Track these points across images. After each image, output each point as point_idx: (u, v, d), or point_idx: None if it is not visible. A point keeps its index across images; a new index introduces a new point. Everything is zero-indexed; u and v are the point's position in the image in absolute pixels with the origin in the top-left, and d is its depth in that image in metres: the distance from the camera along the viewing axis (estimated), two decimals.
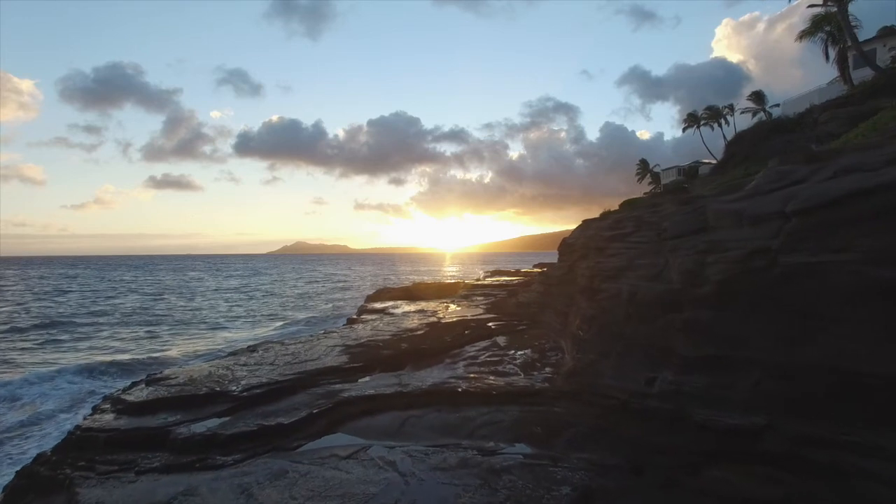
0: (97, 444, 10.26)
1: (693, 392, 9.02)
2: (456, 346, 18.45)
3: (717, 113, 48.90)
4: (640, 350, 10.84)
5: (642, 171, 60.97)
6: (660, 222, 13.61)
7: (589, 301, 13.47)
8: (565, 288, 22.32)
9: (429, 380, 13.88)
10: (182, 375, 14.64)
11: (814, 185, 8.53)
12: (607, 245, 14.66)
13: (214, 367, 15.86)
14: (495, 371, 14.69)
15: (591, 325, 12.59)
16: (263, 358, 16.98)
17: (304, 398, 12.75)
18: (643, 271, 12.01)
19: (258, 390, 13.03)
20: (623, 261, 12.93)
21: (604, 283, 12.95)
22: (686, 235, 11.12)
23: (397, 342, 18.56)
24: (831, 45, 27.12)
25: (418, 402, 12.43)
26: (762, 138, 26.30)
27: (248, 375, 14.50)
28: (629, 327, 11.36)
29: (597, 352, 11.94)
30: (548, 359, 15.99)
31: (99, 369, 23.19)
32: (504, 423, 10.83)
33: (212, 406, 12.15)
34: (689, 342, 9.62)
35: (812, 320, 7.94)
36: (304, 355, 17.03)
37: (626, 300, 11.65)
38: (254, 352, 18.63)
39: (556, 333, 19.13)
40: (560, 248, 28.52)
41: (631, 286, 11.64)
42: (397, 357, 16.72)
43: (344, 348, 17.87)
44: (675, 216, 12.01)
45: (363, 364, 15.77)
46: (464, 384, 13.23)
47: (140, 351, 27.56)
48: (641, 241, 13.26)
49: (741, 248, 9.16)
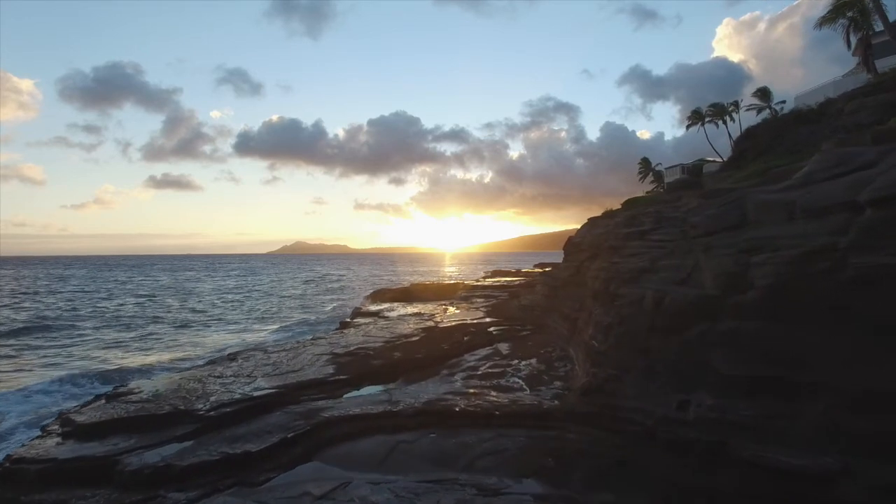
0: (27, 479, 8.68)
1: (739, 421, 7.44)
2: (454, 354, 16.87)
3: (721, 110, 47.39)
4: (668, 366, 9.26)
5: (644, 169, 59.43)
6: (684, 217, 12.03)
7: (604, 307, 11.91)
8: (573, 290, 20.75)
9: (422, 395, 12.30)
10: (147, 389, 13.06)
11: (891, 169, 6.94)
12: (624, 244, 13.08)
13: (186, 379, 14.28)
14: (497, 385, 13.11)
15: (607, 335, 11.02)
16: (242, 368, 15.40)
17: (279, 418, 11.17)
18: (668, 273, 10.43)
19: (228, 409, 11.44)
20: (644, 261, 11.35)
21: (622, 287, 11.38)
22: (721, 232, 9.55)
23: (390, 350, 16.98)
24: (853, 31, 25.48)
25: (409, 423, 10.85)
26: (780, 131, 24.69)
27: (221, 390, 12.91)
28: (654, 339, 9.78)
29: (615, 366, 10.35)
30: (556, 370, 14.40)
31: (73, 380, 21.46)
32: (509, 451, 9.24)
33: (173, 428, 10.57)
34: (730, 359, 8.04)
35: (893, 336, 6.38)
36: (286, 365, 15.45)
37: (649, 307, 10.07)
38: (233, 360, 17.06)
39: (564, 340, 17.55)
40: (566, 247, 26.94)
41: (655, 291, 10.06)
42: (389, 368, 15.14)
43: (331, 357, 16.30)
44: (706, 210, 10.43)
45: (350, 376, 14.19)
46: (462, 402, 11.65)
47: (120, 357, 25.92)
48: (664, 238, 11.68)
49: (796, 247, 7.58)
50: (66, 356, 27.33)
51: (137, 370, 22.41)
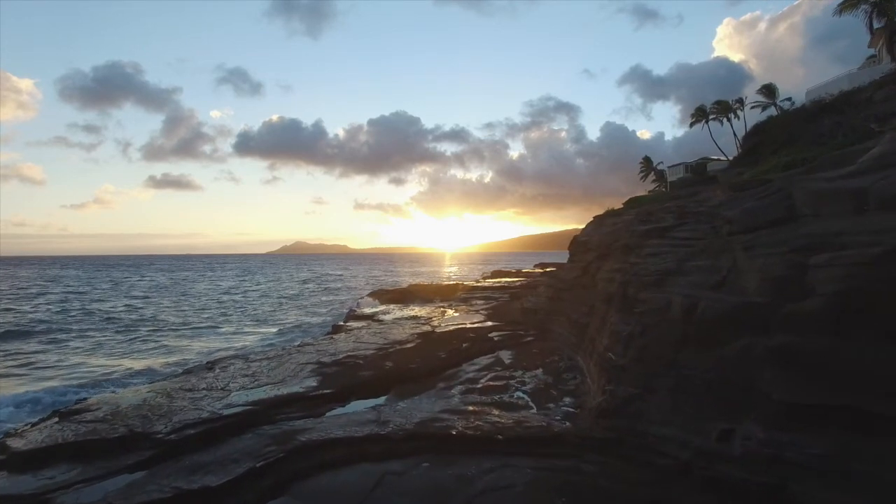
0: None
1: (802, 461, 5.99)
2: (451, 363, 15.42)
3: (726, 107, 46.06)
4: (704, 386, 7.82)
5: (646, 169, 58.10)
6: (713, 212, 10.60)
7: (622, 314, 10.46)
8: (579, 293, 19.30)
9: (415, 414, 10.86)
10: (105, 407, 11.62)
11: None
12: (642, 242, 11.63)
13: (154, 393, 12.85)
14: (500, 401, 11.66)
15: (626, 346, 9.59)
16: (217, 379, 13.96)
17: (250, 442, 9.72)
18: (699, 276, 8.99)
19: (192, 430, 9.99)
20: (669, 262, 9.91)
21: (642, 292, 9.94)
22: (764, 228, 8.12)
23: (381, 359, 15.53)
24: (876, 17, 24.03)
25: (399, 449, 9.40)
26: (799, 123, 23.23)
27: (189, 406, 11.47)
28: (684, 353, 8.34)
29: (638, 384, 8.91)
30: (565, 383, 12.97)
31: (52, 392, 19.80)
32: (515, 488, 7.79)
33: (125, 455, 9.12)
34: (784, 382, 6.60)
35: None
36: (265, 376, 14.01)
37: (678, 315, 8.64)
38: (210, 370, 15.63)
39: (572, 348, 16.10)
40: (571, 247, 25.47)
41: (685, 297, 8.62)
42: (379, 380, 13.68)
43: (316, 367, 14.85)
44: (743, 202, 8.99)
45: (335, 390, 12.73)
46: (460, 422, 10.20)
47: (101, 364, 24.26)
48: (691, 236, 10.24)
49: (870, 245, 6.14)
50: (44, 365, 25.72)
51: (114, 379, 20.85)
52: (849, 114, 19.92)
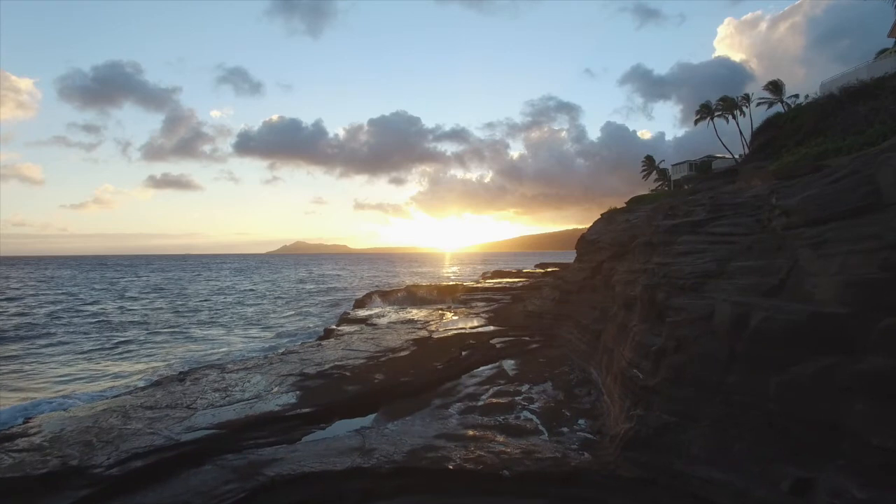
0: None
1: None
2: (449, 375, 13.83)
3: (731, 104, 44.67)
4: (764, 418, 6.23)
5: (648, 167, 56.69)
6: (756, 203, 8.99)
7: (650, 324, 8.87)
8: (590, 296, 17.73)
9: (406, 440, 9.26)
10: (48, 429, 10.02)
11: None
12: (670, 239, 10.02)
13: (108, 411, 11.25)
14: (505, 424, 10.05)
15: (657, 363, 8.00)
16: (184, 394, 12.35)
17: (207, 477, 8.11)
18: (749, 279, 7.39)
19: (139, 462, 8.39)
20: (707, 262, 8.31)
21: (675, 297, 8.35)
22: (838, 219, 6.50)
23: (371, 371, 13.91)
24: None
25: (385, 486, 7.81)
26: (826, 113, 21.63)
27: (144, 429, 9.87)
28: (735, 374, 6.74)
29: (675, 411, 7.32)
30: (578, 400, 11.37)
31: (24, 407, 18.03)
32: None
33: (50, 497, 7.53)
34: (886, 420, 5.00)
35: None
36: (239, 390, 12.41)
37: (725, 327, 7.04)
38: (181, 382, 14.02)
39: (583, 358, 14.50)
40: (578, 246, 23.87)
41: (734, 305, 7.02)
42: (367, 396, 12.06)
43: (299, 379, 13.25)
44: (804, 189, 7.37)
45: (316, 408, 11.12)
46: (458, 452, 8.60)
47: (62, 374, 22.13)
48: (732, 231, 8.64)
49: None
50: (20, 375, 23.95)
51: (73, 393, 18.53)
52: (883, 99, 18.36)
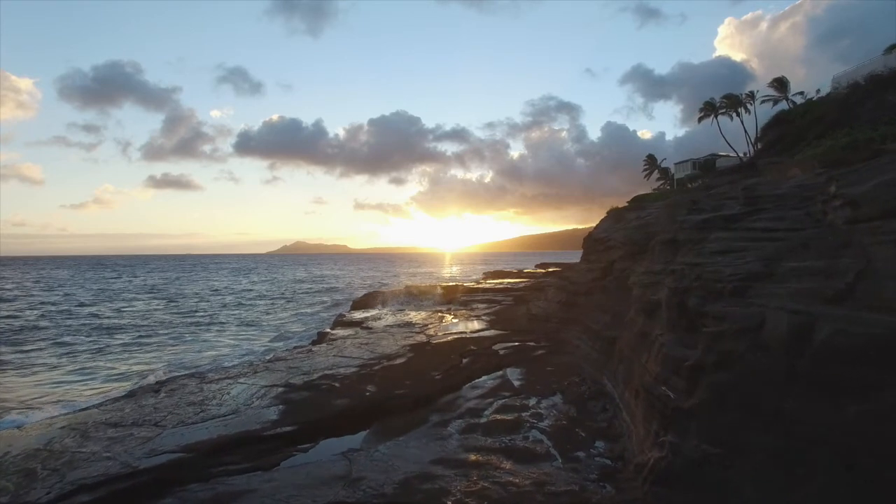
0: None
1: None
2: (449, 387, 12.60)
3: (736, 101, 43.62)
4: (837, 453, 5.02)
5: (650, 166, 55.61)
6: (803, 192, 7.78)
7: (679, 334, 7.68)
8: (600, 299, 16.52)
9: (398, 466, 8.06)
10: None
11: None
12: (699, 236, 8.80)
13: (67, 429, 10.06)
14: (512, 446, 8.83)
15: (692, 381, 6.81)
16: (156, 408, 11.15)
17: None
18: (806, 283, 6.19)
19: (87, 496, 7.19)
20: (751, 262, 7.10)
21: (712, 303, 7.15)
22: None
23: (363, 381, 12.69)
24: None
25: None
26: (847, 106, 20.45)
27: (100, 452, 8.67)
28: (795, 398, 5.54)
29: (717, 440, 6.11)
30: (593, 417, 10.15)
31: None
32: None
33: None
34: None
35: None
36: (216, 405, 11.19)
37: (780, 341, 5.83)
38: (155, 393, 12.80)
39: (594, 367, 13.29)
40: (585, 245, 22.68)
41: (792, 314, 5.81)
42: (357, 411, 10.84)
43: (283, 391, 12.04)
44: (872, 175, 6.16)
45: (299, 426, 9.89)
46: (458, 482, 7.40)
47: (31, 381, 20.80)
48: (778, 226, 7.43)
49: None
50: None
51: (34, 403, 16.99)
52: None
